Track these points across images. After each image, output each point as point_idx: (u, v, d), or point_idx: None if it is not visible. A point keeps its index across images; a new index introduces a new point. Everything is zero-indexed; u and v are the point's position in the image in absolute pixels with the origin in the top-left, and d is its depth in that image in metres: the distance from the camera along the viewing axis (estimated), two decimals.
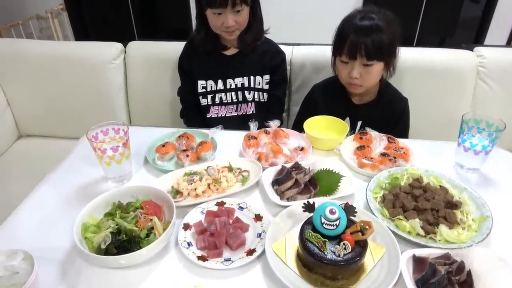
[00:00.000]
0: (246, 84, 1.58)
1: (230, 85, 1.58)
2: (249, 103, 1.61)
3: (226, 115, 1.62)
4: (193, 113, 1.64)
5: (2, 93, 1.88)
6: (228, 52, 1.57)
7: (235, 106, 1.61)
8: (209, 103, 1.60)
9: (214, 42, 1.53)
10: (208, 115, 1.61)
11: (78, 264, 0.84)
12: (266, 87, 1.59)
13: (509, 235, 0.91)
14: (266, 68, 1.58)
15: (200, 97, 1.59)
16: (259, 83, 1.58)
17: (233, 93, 1.59)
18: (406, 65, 1.58)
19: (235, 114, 1.62)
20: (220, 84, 1.57)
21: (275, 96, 1.63)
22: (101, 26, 3.61)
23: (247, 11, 1.42)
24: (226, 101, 1.60)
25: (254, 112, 1.61)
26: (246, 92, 1.59)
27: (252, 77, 1.57)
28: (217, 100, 1.59)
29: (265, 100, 1.61)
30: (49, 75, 1.83)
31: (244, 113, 1.62)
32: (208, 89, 1.58)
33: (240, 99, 1.60)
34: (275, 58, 1.60)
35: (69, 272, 0.82)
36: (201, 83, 1.57)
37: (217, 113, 1.61)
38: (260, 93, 1.60)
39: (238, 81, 1.57)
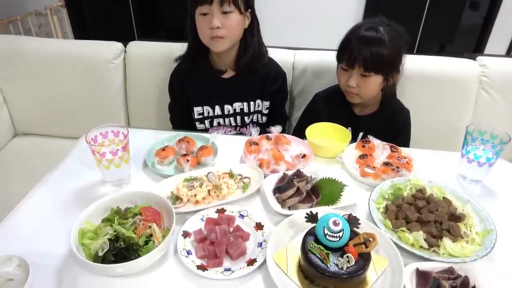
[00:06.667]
0: (246, 110, 1.51)
1: (229, 111, 1.50)
2: (248, 125, 1.55)
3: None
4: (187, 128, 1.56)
5: None
6: (225, 76, 1.48)
7: (233, 128, 1.55)
8: (207, 127, 1.53)
9: (205, 63, 1.44)
10: None
11: (74, 271, 0.82)
12: (266, 111, 1.54)
13: None
14: (266, 93, 1.50)
15: (197, 123, 1.51)
16: (259, 105, 1.52)
17: (231, 118, 1.52)
18: (407, 73, 1.56)
19: (234, 132, 1.56)
20: (217, 110, 1.50)
21: (277, 113, 1.58)
22: (101, 23, 3.58)
23: (238, 17, 1.31)
24: (224, 125, 1.53)
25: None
26: (246, 117, 1.52)
27: (252, 102, 1.50)
28: (215, 124, 1.52)
29: (264, 122, 1.55)
30: (47, 73, 1.80)
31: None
32: (205, 115, 1.50)
33: (239, 124, 1.54)
34: (276, 82, 1.52)
35: (65, 279, 0.80)
36: (197, 109, 1.49)
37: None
38: (259, 115, 1.54)
39: (237, 106, 1.49)
